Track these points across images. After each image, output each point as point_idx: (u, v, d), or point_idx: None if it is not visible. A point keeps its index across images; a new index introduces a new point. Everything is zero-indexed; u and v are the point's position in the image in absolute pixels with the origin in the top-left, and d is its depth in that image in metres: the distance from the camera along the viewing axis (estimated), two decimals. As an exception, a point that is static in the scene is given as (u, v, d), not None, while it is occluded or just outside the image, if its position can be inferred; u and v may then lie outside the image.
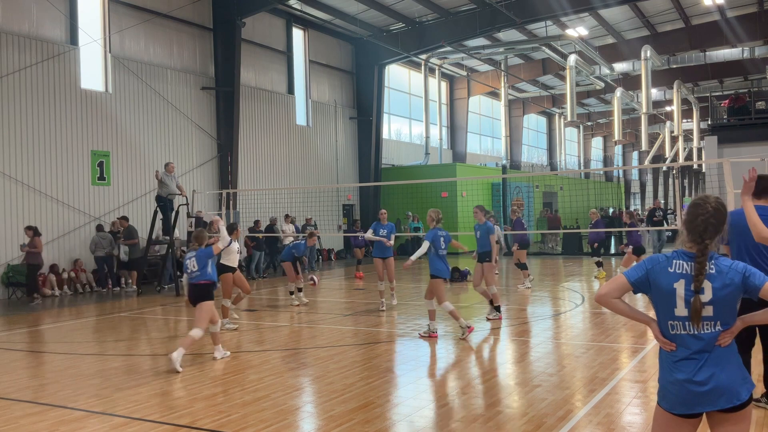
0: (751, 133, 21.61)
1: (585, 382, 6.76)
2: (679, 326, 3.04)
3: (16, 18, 16.04)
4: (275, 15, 23.56)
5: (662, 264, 3.09)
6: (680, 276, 3.03)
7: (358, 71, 27.70)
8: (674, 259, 3.08)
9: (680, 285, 3.02)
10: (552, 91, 39.92)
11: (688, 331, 3.02)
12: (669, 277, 3.05)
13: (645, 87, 28.22)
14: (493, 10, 23.69)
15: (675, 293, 3.02)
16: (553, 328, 10.28)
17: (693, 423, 3.08)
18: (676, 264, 3.06)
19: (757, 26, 26.22)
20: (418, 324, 10.65)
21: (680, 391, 3.02)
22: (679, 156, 40.67)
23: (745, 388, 3.01)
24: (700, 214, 3.06)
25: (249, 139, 22.40)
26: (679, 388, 3.03)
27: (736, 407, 2.99)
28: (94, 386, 7.05)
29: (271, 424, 5.57)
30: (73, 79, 17.12)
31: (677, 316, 3.03)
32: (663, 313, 3.09)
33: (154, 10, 19.03)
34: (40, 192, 16.19)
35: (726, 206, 3.16)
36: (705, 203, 3.08)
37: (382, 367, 7.87)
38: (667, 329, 3.10)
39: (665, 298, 3.06)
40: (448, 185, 26.23)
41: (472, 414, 5.79)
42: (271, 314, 12.18)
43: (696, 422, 3.09)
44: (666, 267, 3.07)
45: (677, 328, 3.05)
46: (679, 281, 3.02)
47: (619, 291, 3.14)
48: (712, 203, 3.08)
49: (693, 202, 3.14)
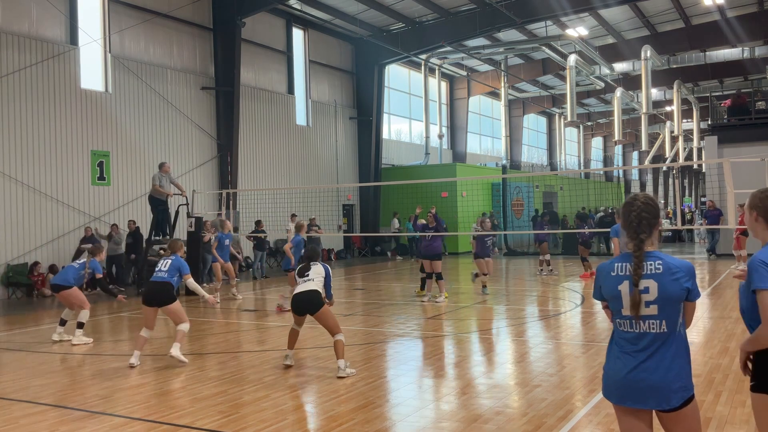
0: (751, 133, 21.62)
1: (585, 382, 6.76)
2: (627, 324, 3.14)
3: (16, 18, 16.04)
4: (275, 15, 23.56)
5: (606, 269, 3.23)
6: (623, 278, 3.13)
7: (358, 71, 27.70)
8: (616, 262, 3.19)
9: (624, 286, 3.12)
10: (552, 91, 39.91)
11: (633, 329, 3.12)
12: (612, 281, 3.17)
13: (645, 87, 28.19)
14: (493, 10, 23.69)
15: (620, 294, 3.13)
16: (553, 328, 10.28)
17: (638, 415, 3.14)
18: (618, 267, 3.17)
19: (757, 26, 26.21)
20: (419, 324, 10.65)
21: (616, 382, 3.13)
22: (679, 156, 40.64)
23: (679, 395, 3.04)
24: (632, 210, 3.16)
25: (249, 139, 22.39)
26: (615, 379, 3.14)
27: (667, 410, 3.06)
28: (94, 386, 7.05)
29: (271, 424, 5.57)
30: (73, 79, 17.12)
31: (624, 316, 3.14)
32: (614, 313, 3.22)
33: (154, 10, 19.03)
34: (40, 192, 16.19)
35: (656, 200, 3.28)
36: (634, 200, 3.21)
37: (382, 367, 7.87)
38: (616, 327, 3.23)
39: (613, 300, 3.18)
40: (448, 185, 26.22)
41: (472, 414, 5.78)
42: (271, 314, 12.18)
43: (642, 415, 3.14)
44: (609, 272, 3.20)
45: (625, 326, 3.16)
46: (622, 283, 3.13)
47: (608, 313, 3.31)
48: (641, 198, 3.21)
49: (624, 202, 3.26)
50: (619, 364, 3.14)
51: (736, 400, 5.88)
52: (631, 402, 3.10)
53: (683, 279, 3.07)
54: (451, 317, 11.48)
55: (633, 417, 3.15)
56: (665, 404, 3.05)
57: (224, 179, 20.93)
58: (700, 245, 28.51)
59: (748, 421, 5.19)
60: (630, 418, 3.15)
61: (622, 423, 3.21)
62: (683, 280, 3.07)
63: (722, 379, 6.59)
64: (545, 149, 48.30)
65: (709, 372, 6.97)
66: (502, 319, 11.31)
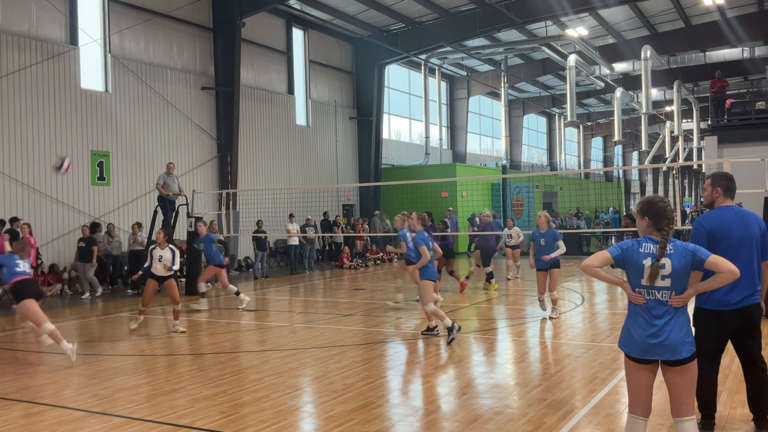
0: (751, 133, 21.59)
1: (585, 382, 6.76)
2: (644, 292, 3.96)
3: (16, 18, 16.04)
4: (275, 15, 23.55)
5: (634, 246, 4.00)
6: (647, 255, 3.94)
7: (358, 71, 27.69)
8: (643, 242, 4.00)
9: (647, 261, 3.93)
10: (552, 91, 39.90)
11: (651, 296, 3.93)
12: (639, 256, 3.96)
13: (645, 87, 28.19)
14: (493, 10, 23.69)
15: (643, 267, 3.93)
16: (553, 328, 10.27)
17: (649, 368, 3.95)
18: (645, 246, 3.98)
19: (757, 26, 26.20)
20: (419, 324, 10.65)
21: (637, 340, 3.94)
22: (679, 156, 40.65)
23: (686, 347, 3.88)
24: (667, 206, 4.01)
25: (249, 139, 22.39)
26: (636, 338, 3.94)
27: (678, 361, 3.87)
28: (94, 386, 7.04)
29: (271, 424, 5.57)
30: (73, 79, 17.12)
31: (643, 285, 3.95)
32: (633, 282, 3.99)
33: (154, 10, 19.03)
34: (40, 192, 16.19)
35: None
36: (663, 200, 4.07)
37: (382, 367, 7.87)
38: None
39: (636, 270, 3.96)
40: (448, 185, 26.22)
41: (472, 414, 5.78)
42: (271, 314, 12.18)
43: (652, 368, 3.95)
44: (637, 248, 3.98)
45: (642, 293, 3.96)
46: (646, 258, 3.94)
47: (601, 263, 4.01)
48: (666, 200, 4.08)
49: (654, 201, 4.07)
50: (640, 327, 3.94)
51: (736, 400, 5.88)
52: (650, 355, 3.91)
53: (687, 253, 3.92)
54: (450, 317, 11.46)
55: (645, 368, 3.95)
56: (678, 355, 3.86)
57: (224, 179, 20.93)
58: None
59: (748, 422, 5.19)
60: (642, 370, 3.95)
61: (635, 374, 3.99)
62: (687, 254, 3.91)
63: (722, 379, 6.58)
64: (545, 149, 48.28)
65: (709, 372, 6.97)
66: (502, 319, 11.30)
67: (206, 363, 8.16)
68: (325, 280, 18.64)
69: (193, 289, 15.21)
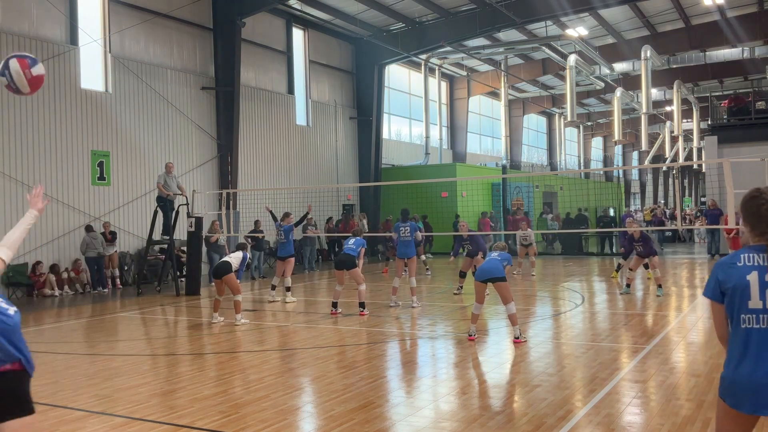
0: (751, 133, 21.61)
1: (585, 382, 6.76)
2: (752, 319, 2.90)
3: (16, 18, 16.04)
4: (275, 15, 23.55)
5: (727, 264, 3.02)
6: (752, 268, 2.92)
7: (358, 71, 27.69)
8: (741, 254, 3.00)
9: (753, 276, 2.91)
10: (552, 91, 39.90)
11: (761, 325, 2.89)
12: (739, 271, 2.95)
13: (645, 87, 28.20)
14: (493, 10, 23.68)
15: (749, 285, 2.91)
16: (553, 328, 10.28)
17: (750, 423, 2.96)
18: (745, 258, 2.96)
19: (757, 26, 26.20)
20: (419, 324, 10.66)
21: (748, 386, 2.87)
22: (679, 156, 40.67)
23: None
24: (763, 203, 2.95)
25: (249, 139, 22.39)
26: (747, 383, 2.88)
27: None
28: (94, 386, 7.04)
29: (271, 424, 5.57)
30: (73, 79, 17.12)
31: (751, 309, 2.90)
32: (736, 309, 2.96)
33: (154, 10, 19.02)
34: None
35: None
36: (762, 193, 2.99)
37: (382, 367, 7.87)
38: (738, 324, 2.97)
39: (738, 292, 2.93)
40: (448, 185, 26.23)
41: (472, 414, 5.79)
42: (271, 314, 12.19)
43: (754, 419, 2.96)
44: (733, 264, 2.99)
45: (749, 322, 2.91)
46: (751, 273, 2.92)
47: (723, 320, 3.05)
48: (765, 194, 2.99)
49: (750, 196, 3.04)
50: (749, 366, 2.87)
51: None
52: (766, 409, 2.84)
53: None
54: (451, 317, 11.49)
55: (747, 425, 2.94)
56: None
57: (224, 179, 20.93)
58: (699, 245, 28.53)
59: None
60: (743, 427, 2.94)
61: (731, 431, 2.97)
62: None
63: None
64: (545, 149, 48.28)
65: (710, 372, 6.97)
66: (502, 319, 11.30)
67: (206, 363, 8.16)
68: (324, 279, 18.64)
69: (193, 288, 15.23)
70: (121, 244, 17.71)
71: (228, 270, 10.71)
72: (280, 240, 13.78)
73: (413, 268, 12.55)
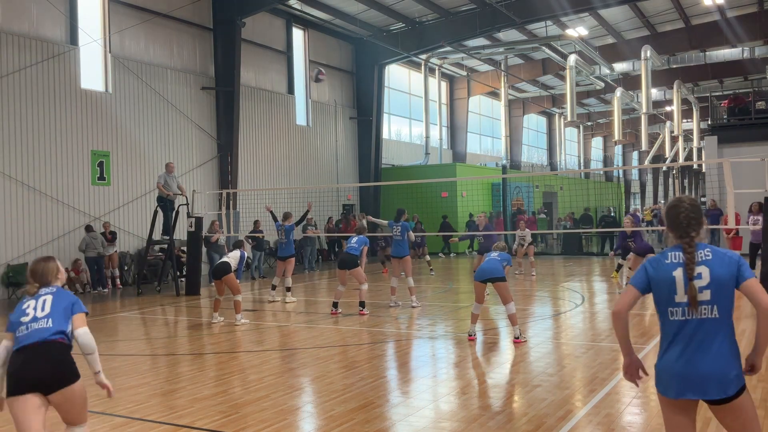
0: (751, 133, 21.63)
1: (585, 382, 6.76)
2: (678, 312, 3.19)
3: (16, 18, 16.04)
4: (275, 15, 23.55)
5: (659, 259, 3.32)
6: (677, 265, 3.24)
7: (358, 71, 27.69)
8: (669, 251, 3.32)
9: (678, 272, 3.22)
10: (552, 91, 39.90)
11: (686, 316, 3.17)
12: (667, 267, 3.25)
13: (645, 87, 28.19)
14: (493, 10, 23.69)
15: (675, 280, 3.21)
16: (553, 328, 10.28)
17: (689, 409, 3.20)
18: (672, 255, 3.28)
19: (757, 26, 26.20)
20: (419, 324, 10.65)
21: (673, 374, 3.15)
22: (679, 156, 40.66)
23: (735, 383, 3.09)
24: (681, 212, 3.31)
25: (249, 139, 22.39)
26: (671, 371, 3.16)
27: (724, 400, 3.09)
28: (94, 386, 7.03)
29: (271, 424, 5.57)
30: (73, 79, 17.11)
31: (677, 303, 3.20)
32: (664, 302, 3.24)
33: (154, 10, 19.02)
34: (40, 192, 16.18)
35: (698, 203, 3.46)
36: (681, 202, 3.36)
37: (382, 367, 7.87)
38: (666, 317, 3.25)
39: (666, 286, 3.23)
40: (448, 185, 26.23)
41: (472, 414, 5.79)
42: (271, 314, 12.19)
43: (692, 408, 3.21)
44: (663, 260, 3.30)
45: (676, 314, 3.20)
46: (677, 269, 3.23)
47: (631, 304, 3.32)
48: (686, 201, 3.37)
49: (671, 205, 3.39)
50: (673, 355, 3.17)
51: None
52: (691, 393, 3.13)
53: (731, 263, 3.18)
54: (451, 317, 11.49)
55: (684, 412, 3.20)
56: (723, 393, 3.08)
57: (224, 179, 20.93)
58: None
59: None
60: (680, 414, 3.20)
61: (671, 419, 3.23)
62: (731, 263, 3.18)
63: None
64: (545, 149, 48.28)
65: (709, 372, 6.96)
66: (502, 319, 11.30)
67: (206, 363, 8.16)
68: (324, 279, 18.64)
69: (193, 288, 15.24)
70: (121, 244, 17.71)
71: (227, 270, 10.71)
72: (280, 240, 13.78)
73: (408, 267, 12.47)
